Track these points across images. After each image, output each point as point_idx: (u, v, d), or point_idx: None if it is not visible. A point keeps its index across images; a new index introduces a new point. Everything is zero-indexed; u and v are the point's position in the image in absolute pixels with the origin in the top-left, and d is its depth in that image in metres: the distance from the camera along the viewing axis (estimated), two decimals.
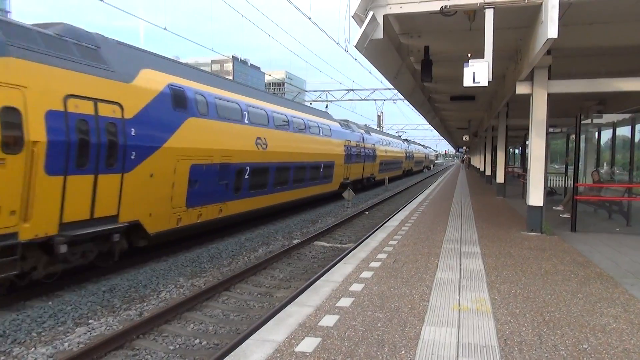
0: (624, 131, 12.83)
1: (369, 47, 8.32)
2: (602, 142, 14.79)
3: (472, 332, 4.62)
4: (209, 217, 12.51)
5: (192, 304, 7.90)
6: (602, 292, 6.00)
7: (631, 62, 11.06)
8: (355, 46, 8.05)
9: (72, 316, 7.38)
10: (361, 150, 28.74)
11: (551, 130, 14.54)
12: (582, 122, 10.93)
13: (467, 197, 19.64)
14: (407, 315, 5.08)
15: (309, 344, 4.31)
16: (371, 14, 7.60)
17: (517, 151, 34.55)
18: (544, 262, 7.63)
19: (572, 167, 11.92)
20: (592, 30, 9.02)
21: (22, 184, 7.39)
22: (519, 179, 22.50)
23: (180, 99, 11.12)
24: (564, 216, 12.65)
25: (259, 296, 8.74)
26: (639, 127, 11.52)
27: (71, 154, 8.13)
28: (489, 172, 29.76)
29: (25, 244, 7.51)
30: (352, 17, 7.96)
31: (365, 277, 6.60)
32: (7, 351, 6.15)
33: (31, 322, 7.03)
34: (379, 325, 4.79)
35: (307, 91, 55.46)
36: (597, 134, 14.63)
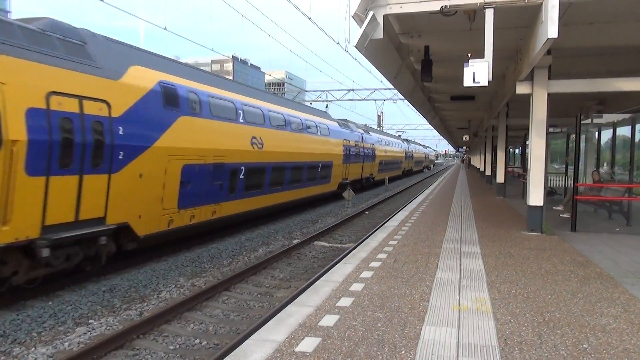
0: (624, 131, 12.83)
1: (369, 47, 8.32)
2: (602, 142, 14.78)
3: (472, 332, 4.63)
4: (202, 218, 12.22)
5: (192, 303, 7.91)
6: (602, 292, 6.00)
7: (631, 61, 11.07)
8: (355, 46, 8.04)
9: (72, 316, 7.38)
10: (360, 150, 28.49)
11: (551, 130, 14.55)
12: (582, 122, 10.92)
13: (467, 197, 19.64)
14: (407, 315, 5.08)
15: (309, 344, 4.31)
16: (371, 13, 7.60)
17: (517, 151, 34.55)
18: (544, 262, 7.63)
19: (572, 167, 11.92)
20: (592, 30, 9.03)
21: (1, 185, 7.08)
22: (519, 178, 22.50)
23: (171, 97, 10.79)
24: (564, 216, 12.65)
25: (259, 296, 8.74)
26: (639, 127, 11.52)
27: (54, 154, 7.78)
28: (489, 172, 29.76)
29: (4, 248, 7.23)
30: (352, 17, 7.97)
31: (365, 277, 6.60)
32: (8, 351, 6.15)
33: (31, 322, 7.03)
34: (379, 325, 4.79)
35: (307, 91, 55.47)
36: (597, 133, 14.62)
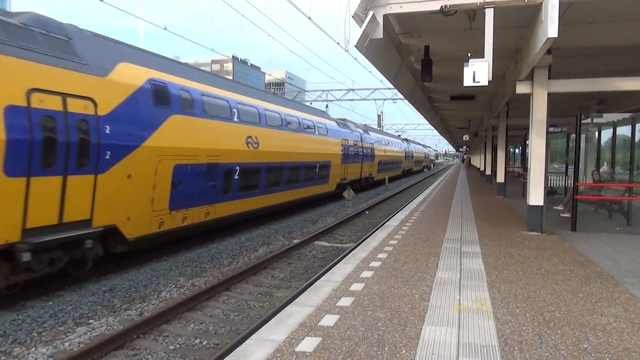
0: (624, 130, 12.84)
1: (369, 47, 8.32)
2: (602, 142, 14.79)
3: (472, 331, 4.63)
4: (195, 220, 11.89)
5: (192, 303, 7.91)
6: (603, 291, 6.00)
7: (631, 61, 11.07)
8: (355, 46, 8.04)
9: (73, 316, 7.38)
10: (359, 149, 28.23)
11: (551, 129, 14.55)
12: (583, 121, 10.92)
13: (467, 196, 19.64)
14: (408, 314, 5.08)
15: (309, 344, 4.31)
16: (371, 13, 7.60)
17: (517, 151, 34.55)
18: (544, 261, 7.63)
19: (572, 167, 11.92)
20: (592, 29, 9.02)
21: None
22: (519, 178, 22.50)
23: (162, 95, 10.46)
24: (564, 216, 12.65)
25: (259, 296, 8.74)
26: (639, 126, 11.52)
27: (35, 154, 7.45)
28: (489, 172, 29.75)
29: None
30: (352, 16, 7.96)
31: (365, 277, 6.60)
32: (8, 351, 6.15)
33: (32, 322, 7.03)
34: (380, 324, 4.79)
35: (307, 91, 55.42)
36: (597, 133, 14.62)
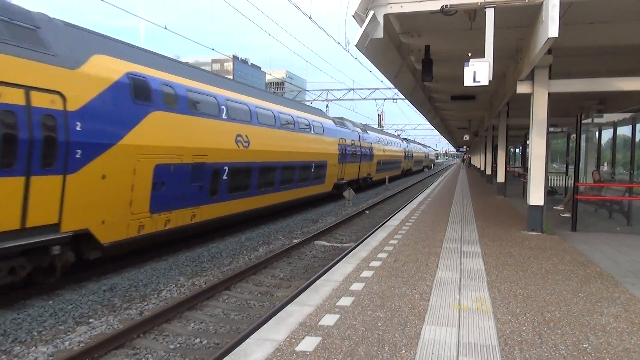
0: (625, 130, 12.84)
1: (369, 47, 8.32)
2: (602, 142, 14.79)
3: (472, 331, 4.63)
4: (179, 223, 11.23)
5: (192, 303, 7.91)
6: (603, 291, 6.00)
7: (631, 61, 11.07)
8: (355, 45, 8.04)
9: (73, 315, 7.39)
10: (357, 149, 27.75)
11: (552, 129, 14.54)
12: (583, 121, 10.92)
13: (468, 196, 19.63)
14: (408, 314, 5.09)
15: (309, 343, 4.31)
16: (372, 13, 7.60)
17: (517, 151, 34.57)
18: (544, 261, 7.63)
19: (573, 167, 11.92)
20: (592, 29, 9.02)
21: None
22: (519, 178, 22.50)
23: (142, 90, 9.83)
24: (565, 216, 12.65)
25: (259, 295, 8.74)
26: (639, 126, 11.52)
27: None
28: (489, 172, 29.74)
29: None
30: (353, 16, 7.96)
31: (365, 277, 6.60)
32: (8, 350, 6.16)
33: (32, 321, 7.04)
34: (380, 324, 4.80)
35: (307, 90, 55.42)
36: (597, 133, 14.62)
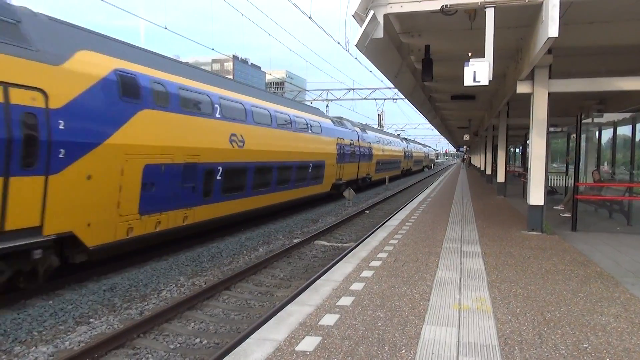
0: (625, 130, 12.84)
1: (369, 47, 8.32)
2: (602, 142, 14.79)
3: (472, 331, 4.63)
4: (170, 225, 10.90)
5: (192, 303, 7.91)
6: (603, 291, 6.00)
7: (631, 61, 11.06)
8: (355, 45, 8.04)
9: (73, 315, 7.39)
10: (356, 149, 27.47)
11: (552, 129, 14.53)
12: (583, 121, 10.92)
13: (468, 196, 19.63)
14: (408, 314, 5.09)
15: (309, 343, 4.31)
16: (372, 13, 7.60)
17: (517, 150, 34.57)
18: (544, 261, 7.63)
19: (573, 167, 11.92)
20: (592, 29, 9.02)
21: None
22: (519, 178, 22.50)
23: (130, 88, 9.52)
24: (565, 215, 12.65)
25: (259, 295, 8.75)
26: (639, 126, 11.52)
27: None
28: (489, 172, 29.74)
29: None
30: (353, 16, 7.96)
31: (365, 276, 6.61)
32: (9, 350, 6.16)
33: (32, 321, 7.04)
34: (380, 324, 4.80)
35: (307, 90, 55.40)
36: (597, 133, 14.63)
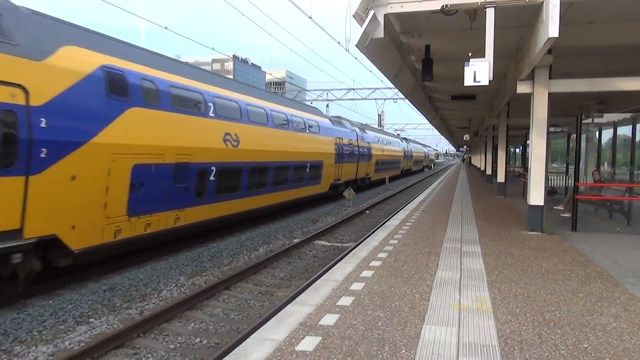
0: (625, 130, 12.84)
1: (369, 47, 8.32)
2: (602, 142, 14.79)
3: (472, 331, 4.63)
4: (161, 227, 10.61)
5: (192, 302, 7.91)
6: (603, 291, 6.00)
7: (632, 61, 11.06)
8: (356, 45, 8.04)
9: (73, 315, 7.39)
10: (355, 149, 27.25)
11: (552, 129, 14.54)
12: (583, 121, 10.92)
13: (468, 196, 19.63)
14: (408, 314, 5.09)
15: (309, 343, 4.31)
16: (372, 13, 7.60)
17: (517, 150, 34.56)
18: (544, 261, 7.63)
19: (573, 167, 11.92)
20: (592, 29, 9.02)
21: None
22: (519, 178, 22.49)
23: (118, 85, 9.19)
24: (565, 215, 12.65)
25: (259, 295, 8.75)
26: (639, 126, 11.52)
27: None
28: (489, 172, 29.74)
29: None
30: (353, 16, 7.97)
31: (365, 276, 6.61)
32: (9, 349, 6.16)
33: (32, 321, 7.04)
34: (380, 324, 4.80)
35: (308, 90, 55.42)
36: (597, 133, 14.63)
